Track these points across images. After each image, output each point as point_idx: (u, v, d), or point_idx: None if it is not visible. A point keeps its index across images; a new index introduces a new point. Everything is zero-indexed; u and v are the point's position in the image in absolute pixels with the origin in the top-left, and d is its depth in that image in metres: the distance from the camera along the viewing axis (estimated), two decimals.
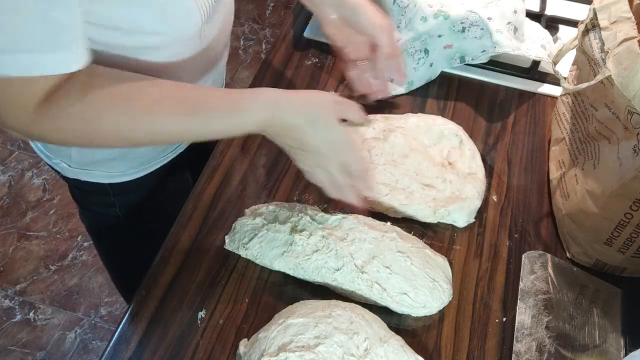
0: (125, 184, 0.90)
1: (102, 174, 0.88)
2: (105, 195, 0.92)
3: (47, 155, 0.90)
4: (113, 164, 0.87)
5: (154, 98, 0.64)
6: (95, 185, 0.90)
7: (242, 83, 2.37)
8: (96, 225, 1.05)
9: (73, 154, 0.85)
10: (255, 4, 2.70)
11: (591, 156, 0.74)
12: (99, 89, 0.62)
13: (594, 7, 0.73)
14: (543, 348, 0.68)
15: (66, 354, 1.64)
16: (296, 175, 0.85)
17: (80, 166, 0.87)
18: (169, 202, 0.97)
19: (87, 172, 0.88)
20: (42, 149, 0.90)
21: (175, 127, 0.66)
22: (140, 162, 0.89)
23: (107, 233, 1.04)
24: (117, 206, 0.95)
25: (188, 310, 0.72)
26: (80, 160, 0.86)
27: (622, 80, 0.64)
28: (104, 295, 1.75)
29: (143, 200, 0.96)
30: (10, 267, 1.80)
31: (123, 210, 0.96)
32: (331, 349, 0.61)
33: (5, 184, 2.01)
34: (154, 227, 0.85)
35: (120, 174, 0.89)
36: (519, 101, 0.98)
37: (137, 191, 0.94)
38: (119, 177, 0.89)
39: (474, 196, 0.81)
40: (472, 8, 0.92)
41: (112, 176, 0.89)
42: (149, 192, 0.96)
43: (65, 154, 0.86)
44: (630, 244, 0.72)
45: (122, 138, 0.67)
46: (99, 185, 0.90)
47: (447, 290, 0.71)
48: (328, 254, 0.72)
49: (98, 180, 0.89)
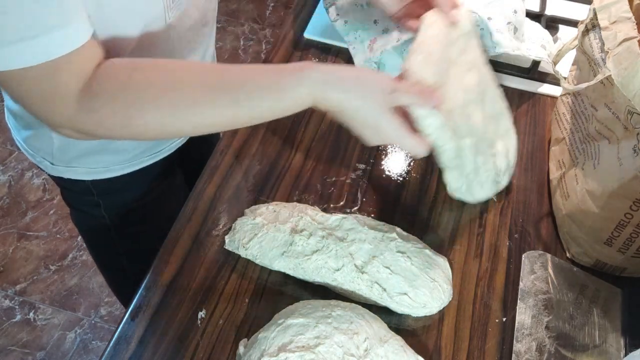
0: (109, 181, 0.89)
1: (84, 171, 0.87)
2: (88, 194, 0.91)
3: (30, 153, 0.89)
4: (95, 157, 0.85)
5: (195, 89, 0.62)
6: (79, 183, 0.89)
7: None
8: (85, 225, 1.05)
9: (55, 151, 0.84)
10: (255, 4, 2.70)
11: (591, 156, 0.74)
12: (138, 82, 0.61)
13: (594, 7, 0.73)
14: (543, 348, 0.68)
15: (66, 354, 1.64)
16: (296, 175, 0.85)
17: (62, 163, 0.86)
18: (157, 204, 0.96)
19: (70, 169, 0.87)
20: (26, 147, 0.89)
21: (221, 119, 0.64)
22: (124, 157, 0.88)
23: (96, 234, 1.03)
24: (102, 207, 0.94)
25: (188, 310, 0.72)
26: (61, 157, 0.85)
27: (622, 80, 0.64)
28: (104, 295, 1.75)
29: (128, 202, 0.95)
30: (10, 267, 1.80)
31: (108, 211, 0.95)
32: (331, 349, 0.61)
33: (5, 184, 2.01)
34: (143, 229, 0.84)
35: (104, 169, 0.88)
36: (519, 101, 0.98)
37: (122, 192, 0.93)
38: (102, 172, 0.88)
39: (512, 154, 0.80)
40: (472, 8, 0.92)
41: (95, 172, 0.88)
42: (135, 194, 0.95)
43: (47, 151, 0.85)
44: (630, 244, 0.72)
45: (167, 132, 0.66)
46: (82, 184, 0.89)
47: (447, 290, 0.71)
48: (328, 254, 0.72)
49: (81, 177, 0.88)
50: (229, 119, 0.64)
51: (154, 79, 0.62)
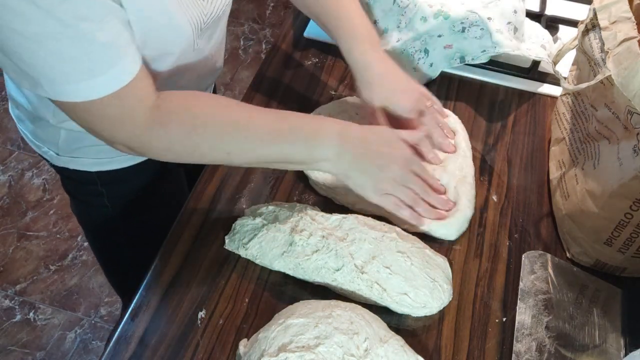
0: (113, 172, 0.90)
1: (90, 162, 0.88)
2: (92, 184, 0.92)
3: (36, 144, 0.90)
4: (99, 149, 0.86)
5: (259, 127, 0.70)
6: (83, 173, 0.90)
7: (242, 83, 2.37)
8: (87, 216, 1.05)
9: (60, 142, 0.86)
10: (255, 4, 2.70)
11: (591, 156, 0.74)
12: (205, 117, 0.69)
13: (594, 7, 0.73)
14: (543, 348, 0.68)
15: (66, 354, 1.64)
16: (296, 175, 0.85)
17: (67, 153, 0.87)
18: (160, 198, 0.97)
19: (75, 160, 0.88)
20: (31, 138, 0.90)
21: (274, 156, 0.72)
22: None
23: (98, 225, 1.04)
24: (106, 196, 0.95)
25: (188, 310, 0.72)
26: (67, 147, 0.86)
27: (622, 80, 0.64)
28: (104, 295, 1.75)
29: (132, 192, 0.96)
30: (10, 267, 1.80)
31: (112, 201, 0.96)
32: (331, 349, 0.61)
33: (5, 184, 2.01)
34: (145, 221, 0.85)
35: (108, 160, 0.89)
36: (519, 101, 0.98)
37: (126, 182, 0.94)
38: (107, 164, 0.89)
39: (466, 205, 0.80)
40: (472, 8, 0.92)
41: (101, 163, 0.89)
42: (138, 185, 0.96)
43: (53, 142, 0.86)
44: (630, 244, 0.72)
45: (225, 160, 0.74)
46: (87, 174, 0.90)
47: (447, 290, 0.71)
48: (328, 254, 0.72)
49: (86, 168, 0.89)
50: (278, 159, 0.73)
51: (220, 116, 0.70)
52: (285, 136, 0.71)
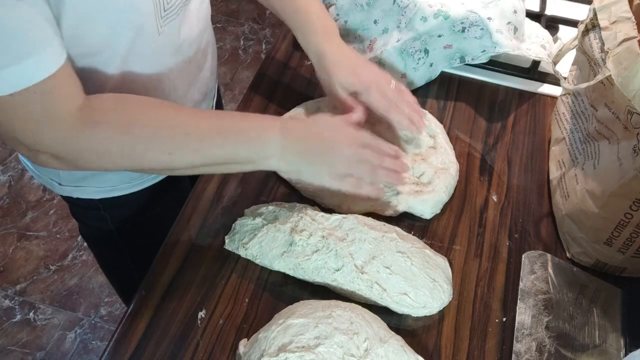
0: (116, 198, 0.89)
1: (93, 190, 0.87)
2: (95, 209, 0.91)
3: (37, 174, 0.89)
4: (103, 177, 0.86)
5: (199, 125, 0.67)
6: (86, 201, 0.89)
7: (242, 83, 2.37)
8: (92, 237, 1.05)
9: (61, 172, 0.85)
10: (255, 4, 2.70)
11: (591, 156, 0.74)
12: (139, 115, 0.65)
13: (594, 7, 0.73)
14: (543, 348, 0.68)
15: (66, 354, 1.64)
16: None
17: (70, 183, 0.86)
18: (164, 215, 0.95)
19: (79, 189, 0.87)
20: (33, 169, 0.89)
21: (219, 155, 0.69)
22: (131, 176, 0.88)
23: (104, 246, 1.04)
24: (109, 221, 0.94)
25: (188, 310, 0.72)
26: (69, 177, 0.85)
27: (622, 80, 0.64)
28: (104, 295, 1.75)
29: (136, 215, 0.95)
30: (10, 267, 1.80)
31: (115, 225, 0.95)
32: (331, 349, 0.61)
33: (5, 184, 2.01)
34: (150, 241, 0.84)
35: (112, 188, 0.88)
36: (519, 101, 0.98)
37: (129, 206, 0.93)
38: (111, 191, 0.88)
39: (442, 190, 0.81)
40: (472, 8, 0.92)
41: (104, 191, 0.88)
42: (142, 207, 0.94)
43: (54, 173, 0.85)
44: (630, 244, 0.72)
45: (163, 169, 0.70)
46: (90, 201, 0.89)
47: (447, 290, 0.71)
48: (328, 254, 0.72)
49: (90, 196, 0.88)
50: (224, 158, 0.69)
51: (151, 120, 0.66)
52: (227, 134, 0.68)
